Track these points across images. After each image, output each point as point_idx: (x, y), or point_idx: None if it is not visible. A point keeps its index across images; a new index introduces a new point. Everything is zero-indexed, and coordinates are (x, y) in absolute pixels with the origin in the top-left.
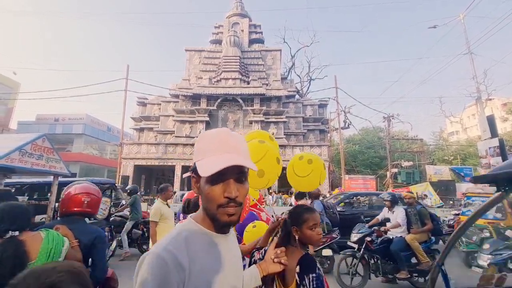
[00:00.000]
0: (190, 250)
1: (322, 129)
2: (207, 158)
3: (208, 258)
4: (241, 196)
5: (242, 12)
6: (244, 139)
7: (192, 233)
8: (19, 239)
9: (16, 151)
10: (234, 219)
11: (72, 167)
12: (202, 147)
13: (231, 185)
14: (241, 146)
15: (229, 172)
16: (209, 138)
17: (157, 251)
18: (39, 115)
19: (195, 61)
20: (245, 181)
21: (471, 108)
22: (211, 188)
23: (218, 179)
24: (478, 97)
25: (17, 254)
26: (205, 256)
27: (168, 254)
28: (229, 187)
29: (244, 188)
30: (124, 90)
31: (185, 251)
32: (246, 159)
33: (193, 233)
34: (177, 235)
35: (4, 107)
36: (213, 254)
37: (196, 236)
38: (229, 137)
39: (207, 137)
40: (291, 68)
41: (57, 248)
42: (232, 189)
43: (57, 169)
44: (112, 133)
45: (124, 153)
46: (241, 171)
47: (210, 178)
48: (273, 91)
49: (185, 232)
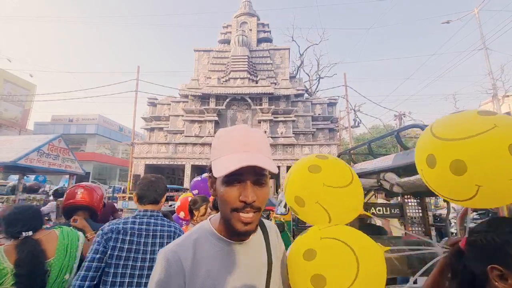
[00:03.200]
0: (197, 253)
1: (332, 127)
2: (224, 157)
3: (216, 264)
4: (259, 201)
5: (250, 11)
6: (265, 135)
7: (204, 236)
8: (34, 239)
9: (34, 151)
10: (250, 228)
11: (86, 166)
12: (218, 145)
13: (248, 188)
14: (261, 144)
15: (246, 173)
16: (226, 136)
17: (165, 251)
18: (54, 116)
19: (203, 61)
20: (264, 185)
21: (487, 105)
22: (226, 190)
23: (234, 180)
24: (494, 94)
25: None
26: (213, 262)
27: (173, 255)
28: (246, 191)
29: (263, 192)
30: (135, 91)
31: (190, 254)
32: (266, 159)
33: (205, 237)
34: (188, 237)
35: (21, 108)
36: (223, 260)
37: (208, 240)
38: (249, 134)
39: (224, 134)
40: (299, 66)
41: (73, 243)
42: (248, 193)
43: (72, 169)
44: (124, 133)
45: (136, 152)
46: (260, 172)
47: (225, 179)
48: (281, 90)
49: (196, 234)
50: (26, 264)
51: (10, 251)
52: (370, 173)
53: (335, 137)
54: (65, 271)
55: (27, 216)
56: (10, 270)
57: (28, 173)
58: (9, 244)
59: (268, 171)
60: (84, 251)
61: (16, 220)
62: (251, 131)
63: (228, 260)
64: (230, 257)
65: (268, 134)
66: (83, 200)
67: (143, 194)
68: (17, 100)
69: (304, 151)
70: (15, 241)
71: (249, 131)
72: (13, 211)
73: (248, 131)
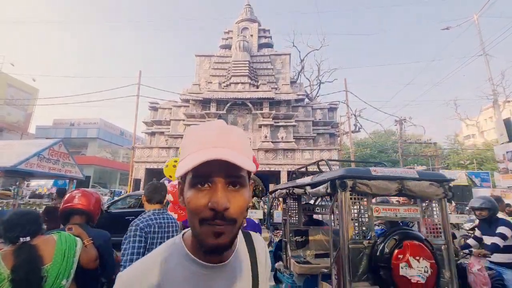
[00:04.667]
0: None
1: (332, 132)
2: (190, 155)
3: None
4: (234, 208)
5: (251, 17)
6: (245, 134)
7: (174, 256)
8: (32, 244)
9: (34, 156)
10: (223, 242)
11: (86, 170)
12: (187, 143)
13: (217, 190)
14: (238, 142)
15: (216, 173)
16: (196, 133)
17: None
18: (56, 120)
19: (205, 66)
20: (242, 188)
21: (488, 111)
22: (191, 195)
23: (201, 182)
24: (495, 100)
25: (31, 259)
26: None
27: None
28: (215, 194)
29: (240, 197)
30: (137, 96)
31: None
32: (240, 156)
33: (175, 257)
34: (154, 257)
35: (23, 112)
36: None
37: (178, 261)
38: (223, 131)
39: (194, 131)
40: (300, 71)
41: (71, 249)
42: (219, 197)
43: (72, 173)
44: (125, 137)
45: (136, 156)
46: (234, 173)
47: (191, 181)
48: (282, 95)
49: (165, 254)
50: (22, 269)
51: (7, 256)
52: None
53: (335, 142)
54: (62, 276)
55: (26, 221)
56: (7, 276)
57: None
58: (7, 250)
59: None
60: (81, 257)
61: (14, 225)
62: (227, 128)
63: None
64: (206, 283)
65: (268, 139)
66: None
67: (151, 196)
68: (19, 104)
69: (305, 156)
70: (13, 246)
71: (224, 128)
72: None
73: (222, 128)
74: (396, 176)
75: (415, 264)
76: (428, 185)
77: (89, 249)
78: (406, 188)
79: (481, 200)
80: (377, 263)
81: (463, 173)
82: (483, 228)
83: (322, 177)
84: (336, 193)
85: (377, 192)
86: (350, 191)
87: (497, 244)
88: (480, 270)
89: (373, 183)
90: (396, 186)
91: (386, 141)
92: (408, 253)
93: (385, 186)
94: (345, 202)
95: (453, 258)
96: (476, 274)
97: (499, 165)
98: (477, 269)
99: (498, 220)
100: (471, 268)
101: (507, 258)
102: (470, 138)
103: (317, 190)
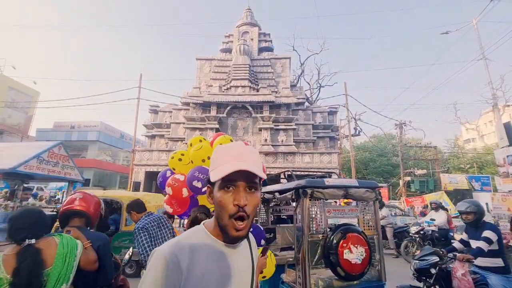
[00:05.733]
0: (193, 254)
1: (332, 136)
2: (220, 166)
3: (211, 265)
4: (250, 206)
5: (252, 21)
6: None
7: (199, 239)
8: (36, 247)
9: (34, 158)
10: (241, 234)
11: (86, 173)
12: (216, 158)
13: (240, 192)
14: (254, 157)
15: (239, 179)
16: (223, 150)
17: (162, 251)
18: (56, 123)
19: (205, 69)
20: (255, 191)
21: (488, 115)
22: (221, 195)
23: (228, 185)
24: (494, 104)
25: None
26: (208, 263)
27: (171, 256)
28: (239, 195)
29: (254, 198)
30: (137, 99)
31: (187, 255)
32: (256, 168)
33: (200, 240)
34: (184, 239)
35: (24, 115)
36: (217, 262)
37: (203, 242)
38: (243, 150)
39: (222, 148)
40: (300, 75)
41: (72, 252)
42: (241, 197)
43: (71, 176)
44: (125, 140)
45: (136, 159)
46: (252, 180)
47: (220, 185)
48: (282, 98)
49: (192, 237)
50: (25, 273)
51: (9, 260)
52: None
53: (335, 146)
54: (62, 281)
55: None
56: (6, 281)
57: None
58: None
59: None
60: (81, 260)
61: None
62: (246, 148)
63: (221, 262)
64: (224, 259)
65: (268, 142)
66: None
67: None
68: (20, 107)
69: (305, 159)
70: (16, 248)
71: (243, 147)
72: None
73: (243, 147)
74: (342, 185)
75: (355, 250)
76: (365, 191)
77: (88, 252)
78: (349, 194)
79: (467, 204)
80: (328, 251)
81: (463, 177)
82: (470, 232)
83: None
84: (300, 198)
85: (329, 197)
86: (309, 197)
87: (482, 249)
88: (464, 275)
89: (326, 191)
90: (342, 192)
91: (386, 144)
92: (350, 243)
93: (334, 193)
94: (306, 206)
95: (381, 245)
96: (460, 279)
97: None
98: (461, 274)
99: (484, 224)
100: (455, 273)
101: (492, 263)
102: (470, 142)
103: (284, 196)
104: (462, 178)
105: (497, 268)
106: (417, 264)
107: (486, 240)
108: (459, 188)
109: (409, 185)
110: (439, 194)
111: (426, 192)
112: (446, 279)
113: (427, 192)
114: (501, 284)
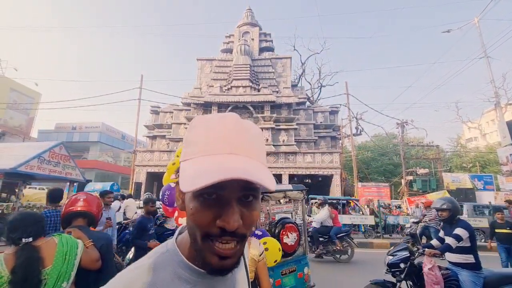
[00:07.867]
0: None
1: (334, 136)
2: (197, 158)
3: None
4: (245, 226)
5: (253, 21)
6: (260, 131)
7: (167, 264)
8: (34, 245)
9: (35, 158)
10: (229, 264)
11: (88, 174)
12: (195, 137)
13: (231, 208)
14: (256, 144)
15: (229, 186)
16: (205, 126)
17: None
18: (58, 124)
19: (206, 70)
20: (254, 200)
21: (490, 113)
22: (196, 207)
23: (210, 196)
24: (496, 102)
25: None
26: None
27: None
28: (227, 212)
29: (252, 211)
30: (138, 99)
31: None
32: (260, 168)
33: (169, 266)
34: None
35: (26, 116)
36: None
37: (172, 271)
38: (239, 128)
39: (203, 123)
40: (301, 75)
41: (72, 251)
42: (230, 216)
43: (72, 176)
44: (126, 140)
45: (138, 160)
46: (250, 186)
47: (197, 193)
48: (283, 98)
49: (156, 263)
50: (21, 270)
51: (9, 258)
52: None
53: (337, 145)
54: (63, 279)
55: (28, 222)
56: (7, 279)
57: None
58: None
59: None
60: (83, 259)
61: (17, 226)
62: (243, 126)
63: None
64: None
65: (270, 142)
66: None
67: None
68: (22, 108)
69: (306, 159)
70: (15, 247)
71: (239, 123)
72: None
73: (238, 122)
74: (282, 189)
75: (290, 235)
76: (297, 193)
77: (90, 250)
78: (287, 195)
79: (442, 201)
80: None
81: (466, 176)
82: (445, 229)
83: None
84: None
85: (273, 198)
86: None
87: (449, 245)
88: (431, 269)
89: (272, 194)
90: (282, 195)
91: (387, 144)
92: (287, 231)
93: (277, 195)
94: None
95: (306, 231)
96: (427, 273)
97: (502, 168)
98: (428, 268)
99: (458, 222)
100: (424, 267)
101: (463, 259)
102: (472, 141)
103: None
104: (465, 177)
105: (468, 264)
106: (389, 259)
107: (455, 237)
108: (461, 187)
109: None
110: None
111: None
112: (417, 274)
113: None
114: (471, 280)
